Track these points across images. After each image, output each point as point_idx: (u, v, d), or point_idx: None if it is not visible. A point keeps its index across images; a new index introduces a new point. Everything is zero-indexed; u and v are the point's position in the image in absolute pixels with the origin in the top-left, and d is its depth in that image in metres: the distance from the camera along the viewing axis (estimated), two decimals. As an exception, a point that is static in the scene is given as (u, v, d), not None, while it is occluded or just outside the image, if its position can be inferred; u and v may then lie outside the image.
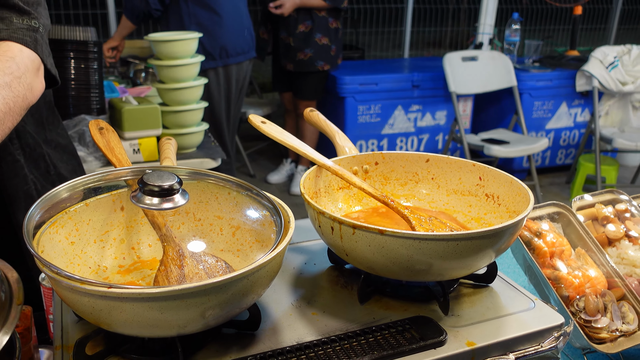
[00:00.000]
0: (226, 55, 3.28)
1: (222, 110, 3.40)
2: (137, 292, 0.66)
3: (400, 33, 6.03)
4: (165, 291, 0.66)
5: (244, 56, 3.41)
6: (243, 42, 3.38)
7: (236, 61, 3.35)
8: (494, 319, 0.90)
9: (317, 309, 0.91)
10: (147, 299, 0.67)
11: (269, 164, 4.99)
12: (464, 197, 1.12)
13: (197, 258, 0.86)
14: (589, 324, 1.10)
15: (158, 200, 0.81)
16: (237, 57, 3.35)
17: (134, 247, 0.95)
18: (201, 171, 0.95)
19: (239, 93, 3.51)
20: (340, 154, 1.15)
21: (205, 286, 0.68)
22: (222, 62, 3.28)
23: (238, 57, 3.36)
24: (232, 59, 3.32)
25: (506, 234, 0.87)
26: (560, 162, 4.90)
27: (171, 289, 0.67)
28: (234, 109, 3.52)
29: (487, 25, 4.95)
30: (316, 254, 1.10)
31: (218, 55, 3.25)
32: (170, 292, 0.67)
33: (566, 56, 4.79)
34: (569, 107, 4.68)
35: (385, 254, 0.84)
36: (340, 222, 0.86)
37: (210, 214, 0.98)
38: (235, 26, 3.30)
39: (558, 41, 7.09)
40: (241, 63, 3.40)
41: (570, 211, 1.29)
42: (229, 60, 3.30)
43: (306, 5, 3.98)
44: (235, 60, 3.34)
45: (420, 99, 4.47)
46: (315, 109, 1.25)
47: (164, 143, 1.13)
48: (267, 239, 0.88)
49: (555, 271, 1.17)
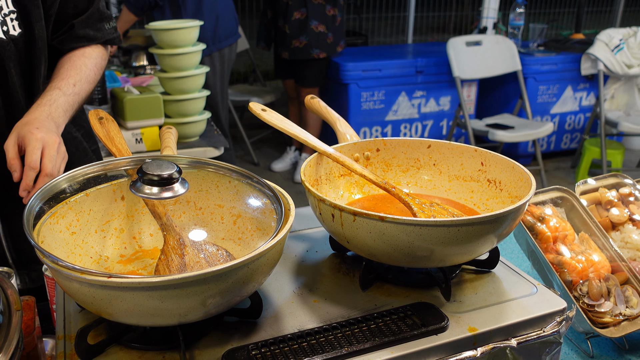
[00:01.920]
0: (218, 40, 3.28)
1: (217, 97, 3.40)
2: (137, 282, 0.66)
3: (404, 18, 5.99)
4: (165, 280, 0.67)
5: (233, 38, 3.41)
6: (230, 24, 3.38)
7: (227, 44, 3.35)
8: (496, 305, 0.90)
9: (319, 297, 0.91)
10: (147, 288, 0.67)
11: (273, 152, 4.99)
12: (466, 183, 1.12)
13: (198, 247, 0.86)
14: (593, 308, 1.10)
15: (157, 190, 0.81)
16: (227, 40, 3.35)
17: (135, 237, 0.96)
18: (201, 160, 0.95)
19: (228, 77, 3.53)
20: (342, 141, 1.15)
21: (205, 275, 0.68)
22: (216, 47, 3.28)
23: (228, 39, 3.36)
24: (224, 42, 3.32)
25: (508, 219, 0.86)
26: (565, 146, 4.87)
27: (171, 278, 0.67)
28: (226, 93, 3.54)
29: (491, 9, 4.90)
30: (318, 241, 1.09)
31: (211, 40, 3.24)
32: (170, 281, 0.67)
33: (571, 39, 4.75)
34: (574, 91, 4.65)
35: (386, 241, 0.84)
36: (340, 209, 0.85)
37: (211, 202, 0.98)
38: (223, 9, 3.30)
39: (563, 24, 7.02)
40: (231, 45, 3.41)
41: (573, 195, 1.28)
42: (221, 45, 3.30)
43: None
44: (227, 43, 3.34)
45: (424, 85, 4.45)
46: (316, 96, 1.25)
47: (165, 132, 1.13)
48: (268, 227, 0.88)
49: (558, 256, 1.16)
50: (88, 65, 1.29)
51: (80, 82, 1.24)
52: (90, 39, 1.32)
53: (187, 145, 2.36)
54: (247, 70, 6.39)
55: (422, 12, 6.51)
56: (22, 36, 1.18)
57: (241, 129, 4.75)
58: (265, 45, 4.38)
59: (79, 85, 1.23)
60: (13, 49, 1.16)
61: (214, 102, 3.40)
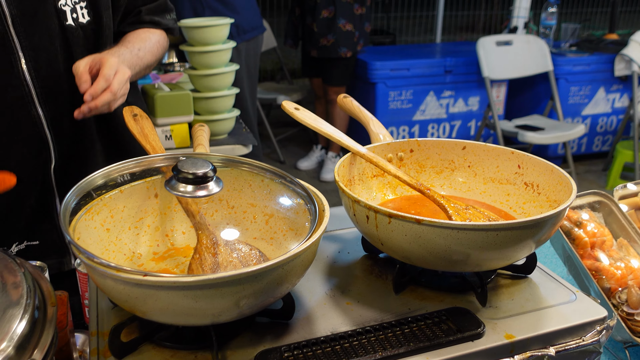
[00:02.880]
0: (243, 31, 3.27)
1: (245, 92, 3.39)
2: (172, 281, 0.65)
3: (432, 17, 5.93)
4: (200, 280, 0.66)
5: (258, 30, 3.41)
6: (253, 16, 3.37)
7: (252, 36, 3.35)
8: (533, 311, 0.87)
9: (352, 299, 0.90)
10: (182, 288, 0.66)
11: (299, 150, 4.98)
12: (502, 186, 1.09)
13: (231, 246, 0.86)
14: (632, 316, 1.07)
15: (192, 188, 0.81)
16: (252, 31, 3.34)
17: (167, 235, 0.95)
18: (235, 158, 0.94)
19: (255, 71, 3.52)
20: (375, 141, 1.13)
21: (239, 275, 0.67)
22: (240, 39, 3.27)
23: (253, 31, 3.35)
24: (249, 34, 3.31)
25: (547, 225, 0.84)
26: (596, 149, 4.77)
27: (206, 278, 0.66)
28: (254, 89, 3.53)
29: (523, 8, 4.82)
30: (350, 242, 1.08)
31: (236, 32, 3.24)
32: (205, 281, 0.66)
33: (604, 40, 4.64)
34: (606, 92, 4.55)
35: (422, 244, 0.82)
36: (375, 210, 0.84)
37: (244, 201, 0.97)
38: (246, 2, 3.29)
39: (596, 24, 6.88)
40: (256, 38, 3.40)
41: (612, 200, 1.25)
42: (245, 36, 3.30)
43: None
44: (252, 35, 3.34)
45: (452, 85, 4.39)
46: (348, 95, 1.23)
47: (197, 130, 1.13)
48: (301, 227, 0.87)
49: (596, 262, 1.13)
50: (152, 39, 1.35)
51: (144, 49, 1.29)
52: (155, 23, 1.39)
53: (215, 143, 2.36)
54: (275, 68, 6.40)
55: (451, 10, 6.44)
56: (90, 24, 1.21)
57: (268, 126, 4.76)
58: (292, 43, 4.38)
59: (143, 52, 1.28)
60: (81, 35, 1.20)
61: (242, 98, 3.39)
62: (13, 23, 1.10)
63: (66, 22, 1.17)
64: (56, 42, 1.16)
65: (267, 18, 5.51)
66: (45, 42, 1.14)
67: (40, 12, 1.13)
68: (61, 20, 1.16)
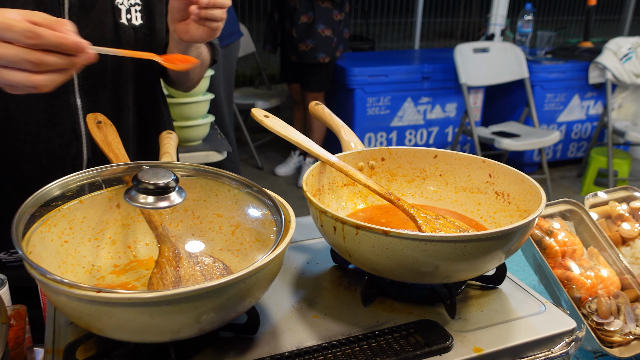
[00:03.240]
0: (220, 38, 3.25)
1: (222, 98, 3.35)
2: (126, 297, 0.63)
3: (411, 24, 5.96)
4: (156, 296, 0.63)
5: (235, 36, 3.37)
6: (231, 23, 3.34)
7: (229, 42, 3.31)
8: (502, 323, 0.86)
9: (319, 312, 0.88)
10: (137, 304, 0.64)
11: (277, 155, 4.96)
12: (473, 195, 1.08)
13: (194, 259, 0.83)
14: (602, 326, 1.07)
15: (153, 199, 0.78)
16: (229, 38, 3.31)
17: (130, 246, 0.93)
18: (200, 167, 0.92)
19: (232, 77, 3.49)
20: (346, 149, 1.12)
21: (199, 290, 0.65)
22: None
23: (230, 37, 3.32)
24: (225, 40, 3.28)
25: (517, 235, 0.83)
26: (571, 155, 4.83)
27: (163, 294, 0.64)
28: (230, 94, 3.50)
29: (499, 16, 4.87)
30: (319, 252, 1.06)
31: None
32: (162, 297, 0.64)
33: (579, 48, 4.71)
34: (581, 99, 4.61)
35: (390, 256, 0.80)
36: (343, 221, 0.82)
37: (210, 211, 0.95)
38: None
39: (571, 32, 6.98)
40: (233, 43, 3.37)
41: (582, 209, 1.25)
42: (222, 43, 3.27)
43: None
44: (229, 41, 3.31)
45: (430, 91, 4.41)
46: (320, 102, 1.22)
47: (164, 137, 1.10)
48: (268, 238, 0.85)
49: (566, 271, 1.13)
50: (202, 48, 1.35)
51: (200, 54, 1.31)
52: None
53: (189, 149, 2.33)
54: (253, 74, 6.37)
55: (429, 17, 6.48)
56: (142, 27, 1.21)
57: (245, 132, 4.73)
58: (271, 48, 4.36)
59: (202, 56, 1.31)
60: (132, 36, 1.19)
61: (218, 103, 3.36)
62: (70, 12, 1.10)
63: (120, 20, 1.17)
64: (107, 37, 1.16)
65: (246, 23, 5.49)
66: (97, 34, 1.14)
67: (97, 5, 1.14)
68: (115, 17, 1.17)
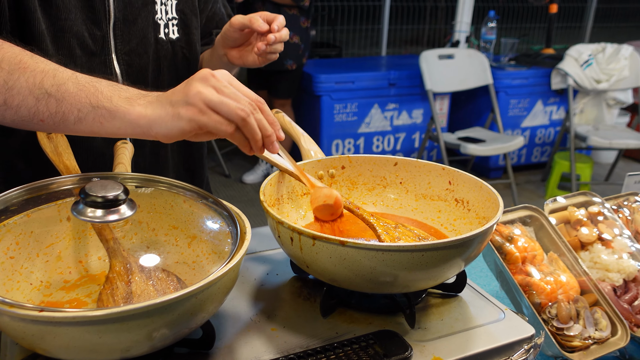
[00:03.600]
0: None
1: None
2: (71, 316, 0.60)
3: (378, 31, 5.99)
4: (102, 314, 0.61)
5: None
6: None
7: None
8: (462, 332, 0.86)
9: (277, 324, 0.86)
10: (83, 323, 0.61)
11: (245, 163, 4.92)
12: (433, 202, 1.08)
13: (147, 273, 0.81)
14: (562, 331, 1.07)
15: (102, 212, 0.76)
16: None
17: (81, 261, 0.89)
18: (154, 178, 0.90)
19: None
20: (306, 158, 1.11)
21: (148, 307, 0.62)
22: None
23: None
24: None
25: (475, 243, 0.83)
26: (536, 159, 4.91)
27: (109, 312, 0.61)
28: None
29: (464, 23, 4.94)
30: (279, 263, 1.05)
31: None
32: (108, 315, 0.61)
33: (542, 54, 4.80)
34: (544, 105, 4.69)
35: (348, 266, 0.79)
36: (299, 232, 0.81)
37: (165, 223, 0.92)
38: None
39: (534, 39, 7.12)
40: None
41: (542, 214, 1.26)
42: None
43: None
44: None
45: (397, 97, 4.44)
46: (280, 111, 1.20)
47: (119, 147, 1.07)
48: (223, 251, 0.83)
49: (527, 277, 1.13)
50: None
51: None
52: None
53: (152, 158, 2.29)
54: (220, 81, 6.30)
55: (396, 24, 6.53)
56: (179, 41, 1.22)
57: (212, 140, 4.68)
58: (237, 55, 4.33)
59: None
60: (170, 50, 1.21)
61: None
62: (114, 26, 1.11)
63: (159, 35, 1.18)
64: (149, 51, 1.17)
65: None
66: (140, 49, 1.15)
67: (139, 20, 1.14)
68: (156, 32, 1.18)
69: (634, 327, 1.14)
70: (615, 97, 4.51)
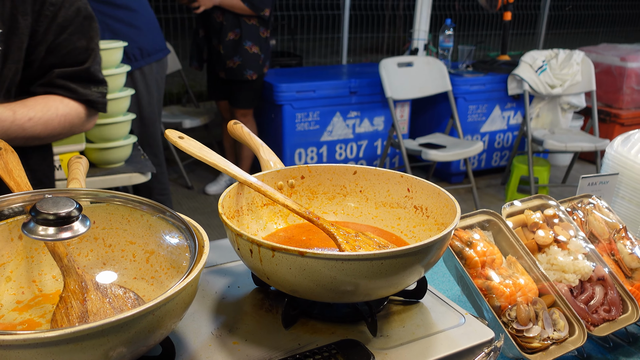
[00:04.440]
0: (147, 54, 3.17)
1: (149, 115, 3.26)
2: (22, 338, 0.58)
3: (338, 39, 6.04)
4: (55, 335, 0.59)
5: (163, 53, 3.31)
6: (158, 39, 3.28)
7: (156, 58, 3.24)
8: (423, 338, 0.87)
9: (239, 337, 0.85)
10: (34, 345, 0.59)
11: (208, 174, 4.88)
12: (393, 210, 1.09)
13: (103, 290, 0.79)
14: (521, 333, 1.09)
15: (54, 230, 0.74)
16: (156, 54, 3.24)
17: (34, 280, 0.87)
18: (108, 192, 0.88)
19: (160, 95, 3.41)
20: (265, 169, 1.10)
21: (103, 326, 0.61)
22: (144, 62, 3.16)
23: (158, 54, 3.25)
24: (153, 56, 3.21)
25: (433, 249, 0.84)
26: (495, 164, 5.01)
27: (62, 332, 0.59)
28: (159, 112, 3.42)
29: (422, 31, 5.02)
30: (241, 275, 1.04)
31: (140, 55, 3.12)
32: (62, 336, 0.59)
33: (498, 61, 4.91)
34: (502, 110, 4.80)
35: (308, 276, 0.79)
36: (258, 244, 0.80)
37: (122, 239, 0.91)
38: (148, 24, 3.19)
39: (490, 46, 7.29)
40: (161, 60, 3.30)
41: (500, 218, 1.28)
42: (150, 59, 3.19)
43: (226, 6, 3.90)
44: (156, 57, 3.24)
45: (358, 105, 4.48)
46: (239, 122, 1.20)
47: (73, 162, 1.05)
48: (181, 265, 0.82)
49: (486, 281, 1.15)
50: (57, 111, 1.22)
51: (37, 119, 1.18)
52: (69, 90, 1.26)
53: (111, 172, 2.25)
54: (180, 91, 6.26)
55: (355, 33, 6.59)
56: None
57: (174, 151, 4.63)
58: (197, 65, 4.31)
59: (33, 122, 1.18)
60: None
61: (146, 122, 3.27)
62: None
63: None
64: None
65: (171, 41, 5.40)
66: None
67: None
68: None
69: (590, 327, 1.16)
70: (569, 101, 4.65)
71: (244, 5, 3.91)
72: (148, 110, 3.24)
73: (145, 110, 3.21)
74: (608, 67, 5.15)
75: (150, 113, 3.26)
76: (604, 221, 1.37)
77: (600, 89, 4.98)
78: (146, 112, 3.23)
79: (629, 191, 1.59)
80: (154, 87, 3.26)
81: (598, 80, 4.65)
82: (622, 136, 1.67)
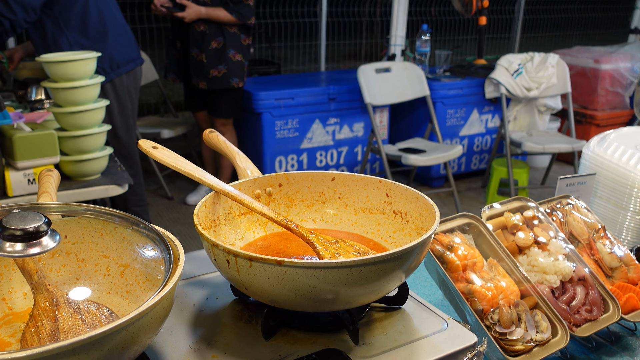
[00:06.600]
0: (117, 65, 3.12)
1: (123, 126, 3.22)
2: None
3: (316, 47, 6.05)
4: (24, 355, 0.57)
5: (135, 63, 3.27)
6: (129, 49, 3.24)
7: (127, 69, 3.20)
8: (406, 345, 0.86)
9: (218, 350, 0.83)
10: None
11: (187, 184, 4.83)
12: (372, 216, 1.08)
13: (75, 307, 0.76)
14: (504, 336, 1.08)
15: (22, 246, 0.71)
16: (127, 65, 3.20)
17: (4, 298, 0.84)
18: (79, 206, 0.85)
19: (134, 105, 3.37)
20: (242, 177, 1.09)
21: (73, 344, 0.59)
22: (115, 74, 3.12)
23: (129, 64, 3.21)
24: (123, 67, 3.17)
25: (413, 254, 0.83)
26: (475, 167, 5.04)
27: (31, 352, 0.57)
28: (133, 123, 3.37)
29: (399, 37, 5.04)
30: (219, 286, 1.02)
31: (109, 67, 3.08)
32: (31, 356, 0.57)
33: (474, 65, 4.95)
34: (480, 113, 4.83)
35: (287, 286, 0.78)
36: (235, 254, 0.79)
37: (95, 253, 0.88)
38: (117, 35, 3.15)
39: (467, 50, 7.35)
40: (133, 71, 3.26)
41: (480, 221, 1.28)
42: (120, 70, 3.15)
43: (212, 17, 3.88)
44: (127, 68, 3.19)
45: (337, 112, 4.47)
46: (214, 130, 1.18)
47: (44, 176, 1.02)
48: (156, 278, 0.80)
49: (468, 285, 1.14)
50: None
51: None
52: None
53: (87, 184, 2.21)
54: (158, 102, 6.20)
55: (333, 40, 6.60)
56: None
57: (152, 162, 4.58)
58: (175, 77, 4.25)
59: None
60: None
61: (121, 134, 3.23)
62: None
63: None
64: None
65: (147, 51, 5.35)
66: None
67: None
68: None
69: (573, 327, 1.16)
70: (546, 103, 4.70)
71: (230, 16, 3.88)
72: (120, 121, 3.20)
73: (117, 121, 3.17)
74: (582, 69, 5.22)
75: (123, 124, 3.22)
76: (583, 221, 1.38)
77: (576, 91, 5.04)
78: (119, 123, 3.19)
79: (607, 191, 1.60)
80: (126, 98, 3.21)
81: (573, 82, 4.71)
82: (598, 137, 1.68)
